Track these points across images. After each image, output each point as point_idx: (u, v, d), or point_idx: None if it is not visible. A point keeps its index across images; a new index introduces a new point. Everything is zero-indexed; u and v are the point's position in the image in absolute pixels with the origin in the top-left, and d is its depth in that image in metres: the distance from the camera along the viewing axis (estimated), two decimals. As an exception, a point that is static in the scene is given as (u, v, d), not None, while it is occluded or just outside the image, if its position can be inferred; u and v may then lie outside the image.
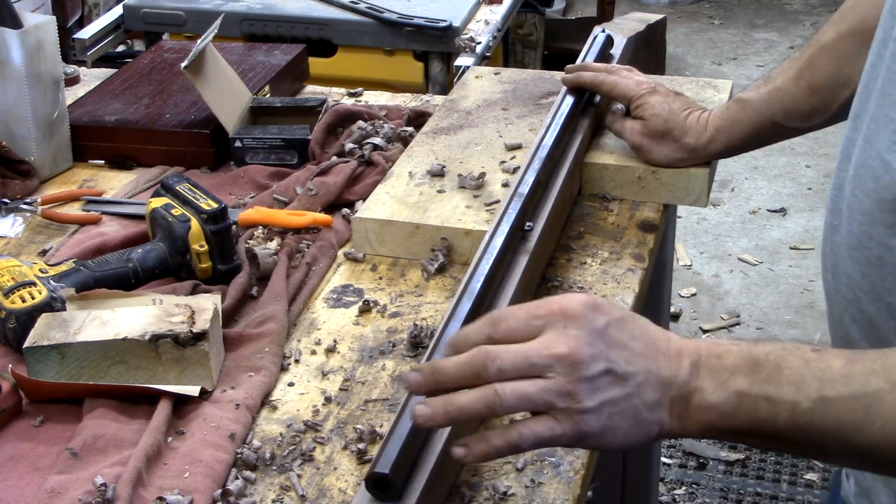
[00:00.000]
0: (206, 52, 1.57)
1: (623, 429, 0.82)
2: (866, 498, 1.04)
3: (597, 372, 0.80)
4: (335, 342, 1.17)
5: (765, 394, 0.80)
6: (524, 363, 0.81)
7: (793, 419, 0.80)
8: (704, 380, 0.81)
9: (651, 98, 1.38)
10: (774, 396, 0.80)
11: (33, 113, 1.51)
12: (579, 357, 0.80)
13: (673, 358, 0.82)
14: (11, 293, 1.16)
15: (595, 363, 0.80)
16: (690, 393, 0.81)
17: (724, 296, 3.30)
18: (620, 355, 0.81)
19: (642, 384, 0.81)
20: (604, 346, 0.81)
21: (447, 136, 1.52)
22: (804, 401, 0.79)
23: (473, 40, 2.36)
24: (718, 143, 1.37)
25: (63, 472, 0.98)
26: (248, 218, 1.37)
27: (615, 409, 0.81)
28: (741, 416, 0.81)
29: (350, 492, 0.97)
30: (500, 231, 1.16)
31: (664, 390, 0.82)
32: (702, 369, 0.82)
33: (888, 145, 0.90)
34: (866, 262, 0.93)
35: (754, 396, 0.80)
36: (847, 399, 0.79)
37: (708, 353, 0.83)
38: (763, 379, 0.80)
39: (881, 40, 0.94)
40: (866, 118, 0.93)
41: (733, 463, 2.65)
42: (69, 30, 2.91)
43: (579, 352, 0.80)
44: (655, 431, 0.83)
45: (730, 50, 5.16)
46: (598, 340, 0.81)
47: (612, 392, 0.81)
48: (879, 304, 0.93)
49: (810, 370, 0.80)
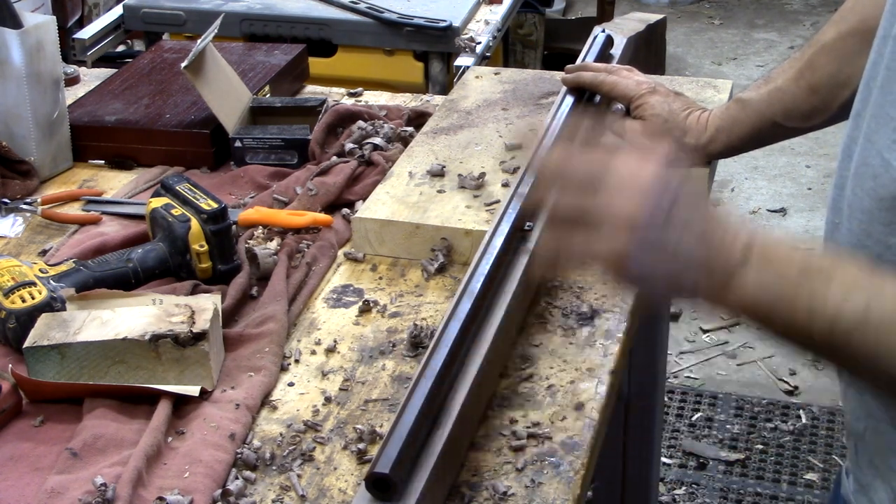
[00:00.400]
0: (206, 52, 1.57)
1: (660, 277, 0.83)
2: (864, 495, 1.04)
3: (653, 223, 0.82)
4: (335, 342, 1.17)
5: (809, 293, 0.80)
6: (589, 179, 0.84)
7: (830, 327, 0.79)
8: (752, 265, 0.81)
9: (651, 98, 1.39)
10: (817, 300, 0.80)
11: (33, 113, 1.51)
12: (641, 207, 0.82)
13: (729, 234, 0.83)
14: (11, 293, 1.16)
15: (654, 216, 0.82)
16: (734, 272, 0.82)
17: (724, 296, 3.30)
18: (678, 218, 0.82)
19: (692, 245, 0.82)
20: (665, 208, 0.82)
21: (447, 136, 1.52)
22: (847, 312, 0.79)
23: (473, 40, 2.36)
24: (718, 143, 1.37)
25: (63, 472, 0.98)
26: (248, 218, 1.37)
27: (658, 256, 0.82)
28: (779, 310, 0.81)
29: (350, 492, 0.97)
30: (500, 231, 1.16)
31: (711, 259, 0.82)
32: (753, 255, 0.82)
33: (888, 144, 0.90)
34: None
35: (796, 295, 0.80)
36: (886, 321, 0.78)
37: (765, 242, 0.83)
38: (812, 281, 0.80)
39: (881, 38, 0.94)
40: (867, 116, 0.94)
41: (733, 463, 2.65)
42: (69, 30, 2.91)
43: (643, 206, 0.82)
44: (688, 289, 0.84)
45: (730, 50, 5.16)
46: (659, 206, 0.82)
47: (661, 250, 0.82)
48: None
49: (862, 284, 0.80)
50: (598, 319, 1.18)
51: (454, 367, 0.99)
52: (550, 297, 1.22)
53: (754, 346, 3.08)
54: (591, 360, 1.12)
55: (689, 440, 2.72)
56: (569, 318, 1.19)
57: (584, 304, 1.21)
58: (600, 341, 1.15)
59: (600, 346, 1.14)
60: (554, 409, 1.05)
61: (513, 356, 1.13)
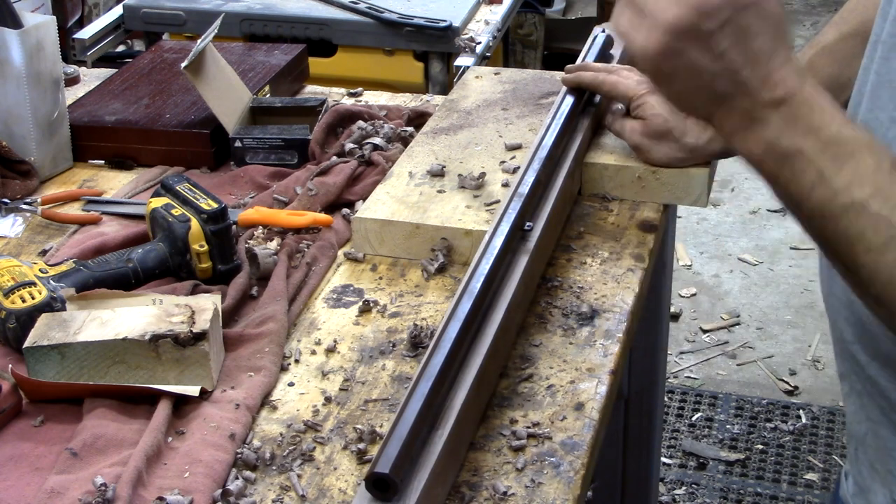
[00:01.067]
0: (206, 52, 1.57)
1: (683, 89, 0.83)
2: (863, 497, 1.04)
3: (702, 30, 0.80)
4: (335, 342, 1.17)
5: (819, 168, 0.81)
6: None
7: (823, 204, 0.81)
8: (779, 118, 0.82)
9: (651, 98, 1.39)
10: (825, 176, 0.81)
11: (33, 113, 1.51)
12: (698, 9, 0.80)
13: (773, 75, 0.82)
14: (11, 293, 1.16)
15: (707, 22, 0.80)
16: (758, 119, 0.82)
17: (724, 296, 3.31)
18: (730, 38, 0.81)
19: (726, 72, 0.81)
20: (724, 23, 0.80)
21: (447, 136, 1.52)
22: (845, 195, 0.81)
23: (473, 40, 2.37)
24: (718, 142, 1.37)
25: (63, 472, 0.98)
26: (248, 218, 1.37)
27: (690, 70, 0.82)
28: (784, 170, 0.83)
29: (350, 492, 0.97)
30: (500, 231, 1.16)
31: (740, 95, 0.82)
32: (784, 109, 0.82)
33: None
34: None
35: (807, 163, 0.81)
36: (882, 218, 0.80)
37: (801, 101, 0.82)
38: (829, 156, 0.81)
39: (872, 43, 0.95)
40: (858, 120, 0.94)
41: (733, 463, 2.65)
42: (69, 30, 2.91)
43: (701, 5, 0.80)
44: (702, 115, 0.84)
45: (730, 50, 5.15)
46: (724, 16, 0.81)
47: (699, 57, 0.81)
48: None
49: (875, 176, 0.81)
50: (598, 319, 1.18)
51: (454, 367, 0.99)
52: (550, 297, 1.22)
53: (754, 346, 3.08)
54: (591, 360, 1.12)
55: (689, 440, 2.72)
56: (569, 318, 1.19)
57: (584, 304, 1.21)
58: (600, 341, 1.15)
59: (600, 346, 1.14)
60: (554, 409, 1.05)
61: (513, 356, 1.13)
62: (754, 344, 3.09)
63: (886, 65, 0.91)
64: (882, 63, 0.91)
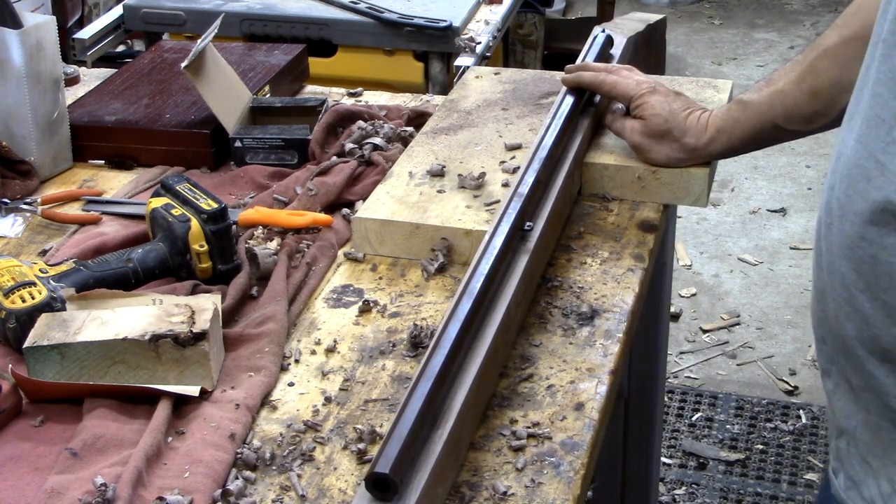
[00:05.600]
0: (206, 52, 1.57)
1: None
2: (856, 490, 1.04)
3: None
4: (335, 342, 1.17)
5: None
6: None
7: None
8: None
9: (651, 98, 1.39)
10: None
11: (33, 113, 1.51)
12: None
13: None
14: (11, 293, 1.16)
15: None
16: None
17: (724, 296, 3.31)
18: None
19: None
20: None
21: (447, 136, 1.52)
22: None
23: (473, 40, 2.37)
24: (718, 143, 1.37)
25: (63, 472, 0.98)
26: (248, 218, 1.37)
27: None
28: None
29: (350, 492, 0.97)
30: (500, 231, 1.16)
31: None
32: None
33: (881, 146, 0.90)
34: (860, 260, 0.93)
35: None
36: None
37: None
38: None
39: (873, 42, 0.95)
40: (859, 119, 0.94)
41: (733, 463, 2.65)
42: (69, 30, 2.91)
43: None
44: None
45: (730, 50, 5.16)
46: None
47: None
48: (875, 302, 0.94)
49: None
50: (598, 319, 1.18)
51: (454, 367, 0.99)
52: (550, 297, 1.22)
53: (754, 346, 3.08)
54: (591, 360, 1.12)
55: (689, 440, 2.72)
56: (569, 318, 1.19)
57: (584, 304, 1.21)
58: (600, 341, 1.15)
59: (600, 346, 1.14)
60: (554, 409, 1.05)
61: (513, 356, 1.13)
62: (754, 344, 3.09)
63: (887, 63, 0.92)
64: (883, 61, 0.91)
